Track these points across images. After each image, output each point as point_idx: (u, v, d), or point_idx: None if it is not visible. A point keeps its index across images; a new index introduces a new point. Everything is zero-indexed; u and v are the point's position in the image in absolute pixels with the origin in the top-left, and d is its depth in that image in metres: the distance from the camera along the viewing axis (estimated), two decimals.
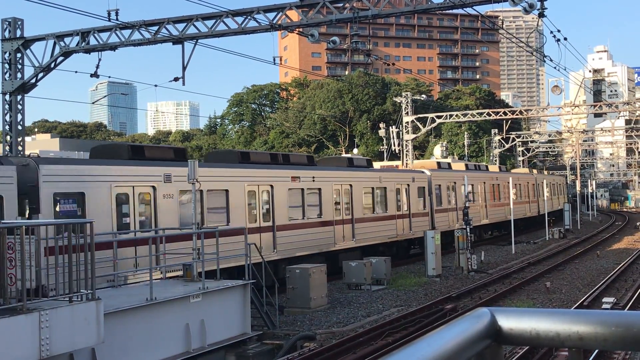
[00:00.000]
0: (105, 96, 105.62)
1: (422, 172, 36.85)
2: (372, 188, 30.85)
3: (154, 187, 19.54)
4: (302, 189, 26.24)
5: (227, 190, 22.19)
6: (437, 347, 1.34)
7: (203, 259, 15.97)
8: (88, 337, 11.25)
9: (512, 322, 1.54)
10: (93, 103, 40.04)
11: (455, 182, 39.12)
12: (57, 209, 16.89)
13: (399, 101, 52.53)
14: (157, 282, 16.13)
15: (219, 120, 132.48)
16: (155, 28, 24.13)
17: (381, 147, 74.70)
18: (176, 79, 24.77)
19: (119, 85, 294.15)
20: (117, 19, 23.09)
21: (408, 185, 33.88)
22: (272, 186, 24.27)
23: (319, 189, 27.10)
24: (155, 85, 29.19)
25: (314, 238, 26.49)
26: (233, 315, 16.15)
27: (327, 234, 27.43)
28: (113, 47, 24.85)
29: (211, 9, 22.81)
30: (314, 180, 26.78)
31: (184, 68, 24.16)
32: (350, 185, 29.15)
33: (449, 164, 43.77)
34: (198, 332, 15.01)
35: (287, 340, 16.23)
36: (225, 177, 22.40)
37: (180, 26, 23.95)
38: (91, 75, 25.88)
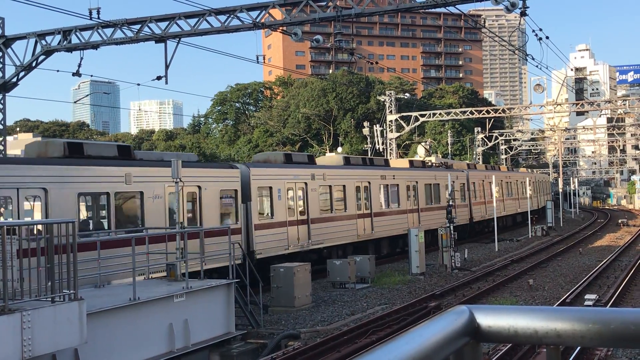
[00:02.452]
0: (87, 95, 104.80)
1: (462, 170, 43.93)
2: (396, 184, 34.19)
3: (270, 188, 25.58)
4: (330, 186, 29.10)
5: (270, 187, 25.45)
6: (416, 345, 1.34)
7: (187, 258, 15.92)
8: (71, 338, 11.18)
9: (490, 319, 1.55)
10: (75, 102, 39.79)
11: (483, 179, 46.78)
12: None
13: (382, 100, 52.66)
14: (141, 282, 16.07)
15: (202, 119, 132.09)
16: (138, 27, 24.02)
17: (365, 145, 74.82)
18: (159, 78, 24.68)
19: (102, 84, 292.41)
20: (98, 18, 22.96)
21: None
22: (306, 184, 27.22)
23: (344, 186, 29.96)
24: (138, 84, 29.08)
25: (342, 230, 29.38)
26: (217, 314, 16.11)
27: (352, 226, 30.21)
28: (95, 46, 24.70)
29: (194, 7, 22.73)
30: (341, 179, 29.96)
31: (167, 67, 24.07)
32: (369, 182, 31.89)
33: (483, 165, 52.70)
34: (182, 332, 14.96)
35: (272, 340, 16.22)
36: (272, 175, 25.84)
37: (163, 25, 23.85)
38: (73, 74, 25.72)
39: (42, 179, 16.99)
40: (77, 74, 25.65)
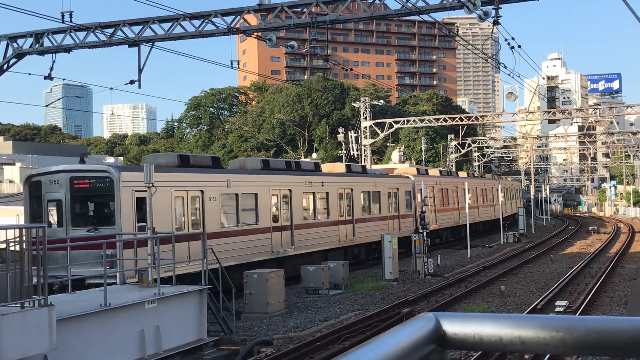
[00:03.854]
0: (59, 99, 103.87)
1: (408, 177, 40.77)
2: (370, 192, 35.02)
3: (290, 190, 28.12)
4: (313, 192, 29.88)
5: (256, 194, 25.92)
6: (382, 353, 1.35)
7: (159, 264, 15.80)
8: (40, 344, 11.03)
9: (456, 326, 1.56)
10: (47, 106, 39.49)
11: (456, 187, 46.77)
12: None
13: (357, 106, 52.85)
14: (113, 288, 15.92)
15: (176, 123, 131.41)
16: (111, 30, 23.86)
17: (340, 151, 74.95)
18: (132, 82, 24.51)
19: (74, 88, 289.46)
20: (71, 21, 22.76)
21: (397, 189, 37.96)
22: (290, 190, 27.63)
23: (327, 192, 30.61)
24: (111, 88, 28.86)
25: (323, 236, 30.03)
26: (189, 320, 16.00)
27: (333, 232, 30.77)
28: (67, 49, 24.48)
29: (168, 11, 22.65)
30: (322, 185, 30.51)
31: (140, 71, 23.92)
32: (352, 190, 32.70)
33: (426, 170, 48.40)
34: (153, 338, 14.84)
35: (244, 346, 16.14)
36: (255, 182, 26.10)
37: (137, 29, 23.72)
38: (45, 78, 25.47)
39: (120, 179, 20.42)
40: (49, 77, 25.40)
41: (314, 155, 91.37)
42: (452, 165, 70.76)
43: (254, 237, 25.55)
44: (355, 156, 56.73)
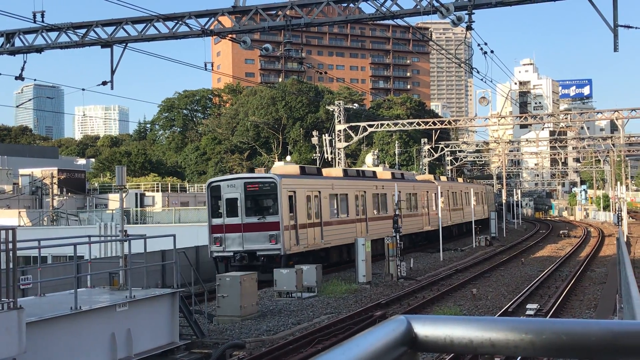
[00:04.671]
0: (30, 99, 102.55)
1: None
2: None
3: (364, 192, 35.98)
4: (377, 194, 37.87)
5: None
6: (353, 355, 1.35)
7: (130, 267, 15.67)
8: (9, 347, 10.88)
9: (427, 329, 1.57)
10: (17, 106, 38.97)
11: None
12: None
13: (331, 109, 52.93)
14: (83, 291, 15.76)
15: (149, 125, 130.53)
16: (84, 31, 23.64)
17: (314, 154, 75.03)
18: (104, 83, 24.30)
19: (46, 89, 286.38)
20: (43, 21, 22.51)
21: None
22: (290, 192, 29.84)
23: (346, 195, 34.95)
24: (83, 89, 28.54)
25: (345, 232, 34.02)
26: (161, 324, 15.89)
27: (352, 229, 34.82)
28: (39, 50, 24.21)
29: (141, 12, 22.50)
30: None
31: (113, 72, 23.73)
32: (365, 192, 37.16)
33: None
34: (124, 342, 14.71)
35: (216, 349, 16.07)
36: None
37: (109, 29, 23.53)
38: (16, 78, 25.13)
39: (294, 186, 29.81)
40: (20, 77, 25.08)
41: (288, 158, 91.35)
42: (425, 169, 71.15)
43: (347, 225, 33.70)
44: (329, 159, 56.78)
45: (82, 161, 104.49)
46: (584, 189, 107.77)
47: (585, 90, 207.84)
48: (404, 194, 40.22)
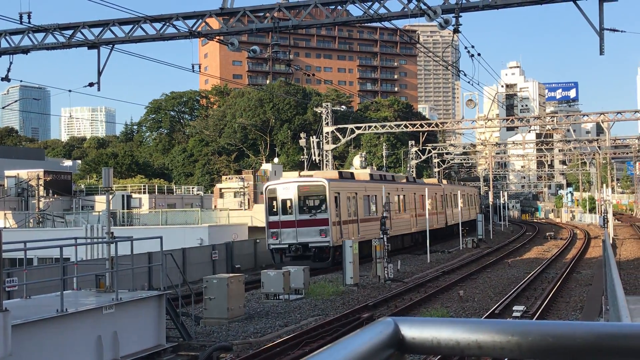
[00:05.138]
0: (16, 101, 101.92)
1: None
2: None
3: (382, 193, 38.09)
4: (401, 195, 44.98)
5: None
6: (340, 358, 1.35)
7: (117, 269, 15.61)
8: None
9: (414, 331, 1.58)
10: (4, 108, 38.75)
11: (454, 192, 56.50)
12: None
13: (319, 111, 52.98)
14: (69, 293, 15.67)
15: (136, 127, 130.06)
16: (70, 32, 23.53)
17: (302, 156, 75.00)
18: (91, 85, 24.18)
19: (32, 90, 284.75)
20: (29, 22, 22.39)
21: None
22: (336, 193, 35.16)
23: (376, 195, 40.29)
24: (70, 91, 28.47)
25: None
26: (147, 326, 15.83)
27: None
28: (25, 51, 24.07)
29: (129, 14, 22.42)
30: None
31: (100, 73, 23.63)
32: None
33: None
34: (110, 344, 14.64)
35: (203, 352, 16.02)
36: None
37: (96, 31, 23.43)
38: (2, 79, 24.98)
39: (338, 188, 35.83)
40: (6, 78, 24.93)
41: (276, 160, 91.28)
42: (412, 171, 71.32)
43: (376, 222, 36.00)
44: (317, 161, 56.78)
45: (68, 163, 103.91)
46: (570, 191, 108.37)
47: (572, 93, 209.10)
48: (418, 195, 47.54)
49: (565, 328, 1.54)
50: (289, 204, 34.54)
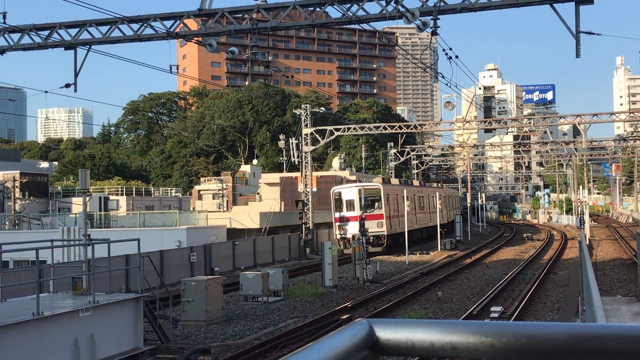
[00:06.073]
0: None
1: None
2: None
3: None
4: (420, 196, 54.84)
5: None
6: None
7: (93, 271, 15.48)
8: None
9: (389, 332, 1.57)
10: None
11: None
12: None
13: (298, 113, 52.90)
14: (45, 296, 15.52)
15: (113, 128, 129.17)
16: (47, 32, 23.31)
17: (281, 158, 74.85)
18: (67, 86, 23.97)
19: (8, 91, 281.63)
20: (4, 22, 22.14)
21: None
22: (387, 194, 45.74)
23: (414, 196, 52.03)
24: (46, 92, 28.20)
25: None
26: (125, 329, 15.71)
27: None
28: (1, 51, 23.81)
29: (106, 14, 22.26)
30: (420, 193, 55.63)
31: (76, 74, 23.43)
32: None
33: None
34: (87, 348, 14.51)
35: (181, 354, 15.94)
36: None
37: (73, 31, 23.24)
38: None
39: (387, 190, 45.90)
40: None
41: (255, 161, 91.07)
42: (391, 173, 71.52)
43: (410, 217, 46.40)
44: (296, 163, 56.75)
45: (44, 164, 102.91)
46: (547, 193, 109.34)
47: (549, 96, 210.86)
48: (431, 196, 57.34)
49: (539, 329, 1.54)
50: (352, 203, 44.16)
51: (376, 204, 44.47)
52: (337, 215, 44.56)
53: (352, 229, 42.73)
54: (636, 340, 1.52)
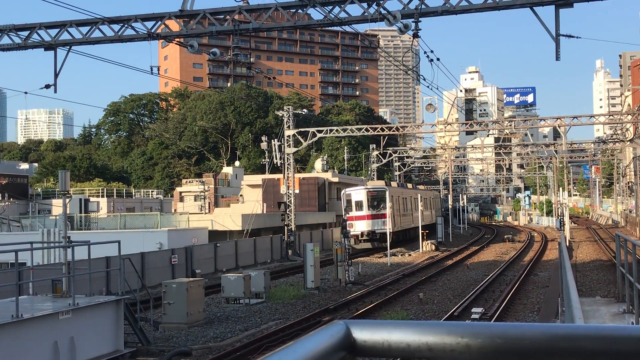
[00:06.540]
0: None
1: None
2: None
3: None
4: (405, 198, 57.03)
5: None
6: None
7: (73, 274, 15.36)
8: None
9: (365, 334, 1.58)
10: None
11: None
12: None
13: (280, 115, 52.85)
14: (25, 298, 15.38)
15: (94, 129, 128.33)
16: (26, 33, 23.12)
17: (263, 160, 74.75)
18: (48, 87, 23.79)
19: None
20: None
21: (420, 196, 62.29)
22: (391, 196, 48.28)
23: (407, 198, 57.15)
24: (26, 93, 27.96)
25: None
26: (105, 331, 15.61)
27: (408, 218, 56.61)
28: None
29: (86, 15, 22.11)
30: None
31: (56, 75, 23.25)
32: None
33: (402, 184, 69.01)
34: (67, 350, 14.40)
35: (162, 357, 15.87)
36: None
37: (53, 32, 23.07)
38: None
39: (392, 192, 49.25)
40: None
41: (237, 163, 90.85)
42: (373, 175, 71.65)
43: (409, 217, 55.29)
44: (278, 165, 56.66)
45: (24, 166, 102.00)
46: (527, 195, 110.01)
47: (529, 98, 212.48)
48: (422, 197, 58.40)
49: (514, 329, 1.55)
50: (361, 203, 49.82)
51: (382, 204, 48.65)
52: (347, 214, 48.76)
53: (361, 226, 48.54)
54: (610, 340, 1.54)
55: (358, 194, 50.14)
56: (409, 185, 66.11)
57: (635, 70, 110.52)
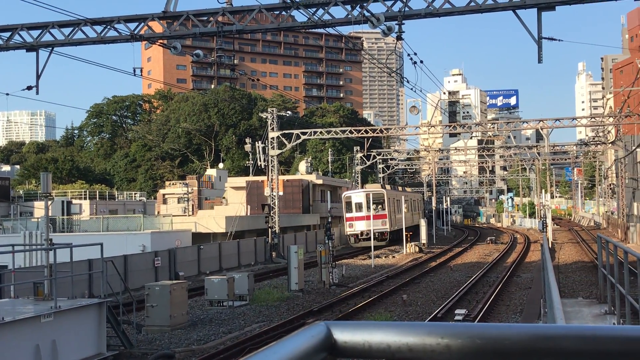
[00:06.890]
0: None
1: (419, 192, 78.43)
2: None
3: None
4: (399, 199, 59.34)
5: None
6: None
7: (55, 277, 15.25)
8: None
9: (346, 335, 1.58)
10: None
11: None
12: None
13: (264, 117, 52.79)
14: (5, 302, 15.25)
15: (76, 131, 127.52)
16: (8, 34, 22.93)
17: (247, 162, 74.65)
18: (29, 88, 23.60)
19: None
20: None
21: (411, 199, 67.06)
22: (388, 198, 53.90)
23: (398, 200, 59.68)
24: (7, 94, 27.72)
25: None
26: (88, 334, 15.50)
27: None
28: None
29: (69, 16, 21.98)
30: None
31: (38, 76, 23.08)
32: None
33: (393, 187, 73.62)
34: (49, 353, 14.29)
35: None
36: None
37: (35, 33, 22.90)
38: None
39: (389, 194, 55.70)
40: None
41: (221, 165, 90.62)
42: (358, 177, 71.75)
43: (405, 216, 51.88)
44: (262, 167, 56.58)
45: (6, 168, 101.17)
46: (510, 197, 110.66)
47: (512, 101, 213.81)
48: (407, 199, 62.26)
49: (494, 330, 1.56)
50: (361, 204, 53.24)
51: (380, 206, 52.81)
52: (347, 215, 53.59)
53: (360, 226, 52.54)
54: (590, 340, 1.55)
55: (358, 196, 54.02)
56: (400, 188, 71.95)
57: (617, 73, 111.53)
